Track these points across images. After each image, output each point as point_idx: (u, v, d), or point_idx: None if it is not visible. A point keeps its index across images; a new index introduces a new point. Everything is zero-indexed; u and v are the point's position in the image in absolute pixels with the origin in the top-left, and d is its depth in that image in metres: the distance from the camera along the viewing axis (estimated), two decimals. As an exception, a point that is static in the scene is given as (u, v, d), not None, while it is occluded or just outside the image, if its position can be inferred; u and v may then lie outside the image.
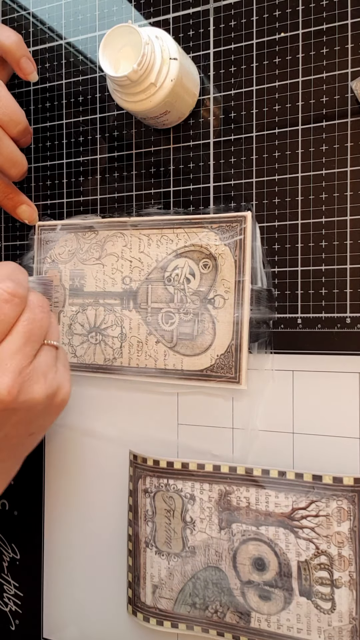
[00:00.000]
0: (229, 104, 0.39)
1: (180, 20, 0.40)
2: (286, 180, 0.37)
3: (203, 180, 0.40)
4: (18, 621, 0.47)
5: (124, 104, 0.37)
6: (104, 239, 0.43)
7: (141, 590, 0.41)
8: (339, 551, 0.35)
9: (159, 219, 0.41)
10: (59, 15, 0.45)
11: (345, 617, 0.35)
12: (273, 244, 0.38)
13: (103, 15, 0.43)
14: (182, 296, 0.40)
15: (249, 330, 0.38)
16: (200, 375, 0.39)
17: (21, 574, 0.47)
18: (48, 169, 0.46)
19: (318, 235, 0.37)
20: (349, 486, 0.34)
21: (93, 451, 0.44)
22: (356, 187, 0.36)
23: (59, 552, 0.45)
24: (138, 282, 0.41)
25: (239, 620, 0.37)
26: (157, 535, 0.40)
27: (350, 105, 0.36)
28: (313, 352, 0.37)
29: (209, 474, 0.38)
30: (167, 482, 0.39)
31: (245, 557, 0.37)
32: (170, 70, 0.35)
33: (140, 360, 0.41)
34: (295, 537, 0.36)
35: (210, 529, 0.38)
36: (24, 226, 0.47)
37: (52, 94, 0.45)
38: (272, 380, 0.38)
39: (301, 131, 0.37)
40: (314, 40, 0.36)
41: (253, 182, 0.38)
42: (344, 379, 0.36)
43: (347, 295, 0.36)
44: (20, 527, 0.47)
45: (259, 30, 0.38)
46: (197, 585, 0.39)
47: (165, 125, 0.40)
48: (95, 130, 0.44)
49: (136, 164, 0.42)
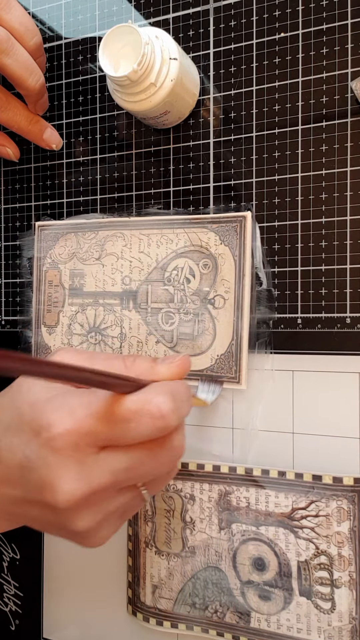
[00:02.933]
0: (229, 104, 0.39)
1: (180, 20, 0.40)
2: (286, 180, 0.37)
3: (203, 180, 0.40)
4: (18, 621, 0.47)
5: (124, 104, 0.37)
6: (104, 238, 0.43)
7: (141, 590, 0.41)
8: (338, 551, 0.35)
9: (159, 219, 0.41)
10: (59, 15, 0.45)
11: (345, 617, 0.35)
12: (273, 244, 0.38)
13: (103, 15, 0.43)
14: (182, 296, 0.40)
15: (249, 330, 0.38)
16: (201, 375, 0.39)
17: (21, 574, 0.47)
18: (48, 169, 0.46)
19: (318, 235, 0.37)
20: (349, 486, 0.34)
21: (93, 451, 0.44)
22: (356, 187, 0.36)
23: (59, 552, 0.45)
24: (138, 282, 0.41)
25: (239, 620, 0.37)
26: (157, 535, 0.40)
27: (350, 105, 0.36)
28: (313, 352, 0.37)
29: (209, 474, 0.38)
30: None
31: (245, 557, 0.37)
32: (170, 70, 0.35)
33: (140, 360, 0.41)
34: (295, 537, 0.36)
35: (210, 529, 0.38)
36: (23, 226, 0.47)
37: (52, 94, 0.45)
38: (272, 380, 0.38)
39: (301, 131, 0.37)
40: (314, 40, 0.36)
41: (253, 182, 0.38)
42: (344, 379, 0.36)
43: (347, 295, 0.36)
44: (20, 527, 0.47)
45: (259, 30, 0.38)
46: (197, 585, 0.39)
47: (165, 125, 0.40)
48: (95, 130, 0.44)
49: (136, 164, 0.42)
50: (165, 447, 0.28)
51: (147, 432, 0.26)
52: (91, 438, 0.26)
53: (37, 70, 0.41)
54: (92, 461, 0.26)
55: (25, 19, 0.40)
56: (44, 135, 0.44)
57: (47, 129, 0.44)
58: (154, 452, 0.27)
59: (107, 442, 0.26)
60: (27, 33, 0.40)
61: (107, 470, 0.26)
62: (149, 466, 0.28)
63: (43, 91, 0.42)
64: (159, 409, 0.26)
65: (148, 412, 0.26)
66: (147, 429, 0.26)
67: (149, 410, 0.26)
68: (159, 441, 0.27)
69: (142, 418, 0.26)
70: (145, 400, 0.26)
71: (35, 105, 0.43)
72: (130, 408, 0.26)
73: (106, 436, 0.26)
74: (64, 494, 0.26)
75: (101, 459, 0.26)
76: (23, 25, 0.40)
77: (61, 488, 0.26)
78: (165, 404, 0.26)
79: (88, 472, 0.26)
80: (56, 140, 0.44)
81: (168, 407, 0.26)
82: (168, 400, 0.26)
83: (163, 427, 0.26)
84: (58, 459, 0.26)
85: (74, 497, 0.26)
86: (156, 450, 0.27)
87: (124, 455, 0.27)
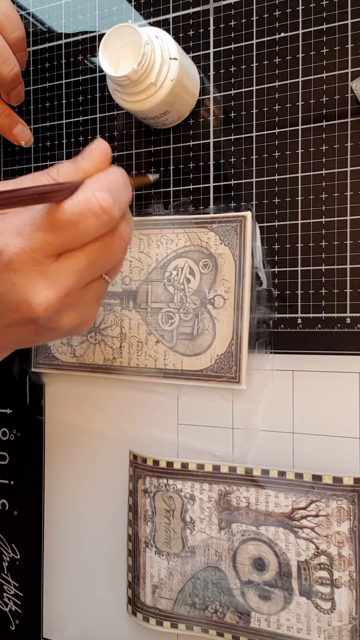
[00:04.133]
0: (229, 104, 0.39)
1: (180, 20, 0.40)
2: (286, 180, 0.37)
3: (203, 180, 0.40)
4: (18, 621, 0.47)
5: (124, 104, 0.37)
6: (104, 239, 0.43)
7: (141, 590, 0.41)
8: (338, 551, 0.35)
9: (159, 218, 0.41)
10: (59, 15, 0.45)
11: (345, 617, 0.35)
12: (273, 244, 0.38)
13: (103, 15, 0.43)
14: (182, 296, 0.40)
15: (249, 330, 0.38)
16: (200, 375, 0.39)
17: (21, 574, 0.47)
18: (48, 169, 0.46)
19: (318, 235, 0.37)
20: (349, 486, 0.34)
21: (93, 451, 0.44)
22: (356, 187, 0.36)
23: (59, 552, 0.45)
24: (138, 282, 0.41)
25: (239, 620, 0.37)
26: (156, 535, 0.40)
27: (350, 105, 0.36)
28: (313, 352, 0.37)
29: (209, 474, 0.38)
30: (166, 482, 0.39)
31: (245, 557, 0.37)
32: (170, 70, 0.35)
33: (140, 360, 0.41)
34: (295, 537, 0.36)
35: (210, 529, 0.38)
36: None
37: (52, 94, 0.45)
38: (272, 380, 0.38)
39: (301, 131, 0.37)
40: (314, 40, 0.36)
41: (253, 182, 0.38)
42: (344, 379, 0.36)
43: (347, 295, 0.36)
44: (20, 527, 0.47)
45: (259, 30, 0.38)
46: (197, 585, 0.39)
47: (165, 125, 0.40)
48: (95, 130, 0.44)
49: (136, 164, 0.42)
50: (115, 237, 0.29)
51: (94, 230, 0.27)
52: (45, 250, 0.27)
53: (12, 59, 0.41)
54: (54, 269, 0.28)
55: (10, 12, 0.40)
56: (14, 130, 0.44)
57: (18, 125, 0.44)
58: (107, 245, 0.29)
59: (61, 248, 0.27)
60: (10, 25, 0.40)
61: (71, 272, 0.28)
62: (106, 258, 0.29)
63: (17, 81, 0.42)
64: (100, 205, 0.26)
65: (90, 210, 0.26)
66: (94, 226, 0.27)
67: (91, 209, 0.26)
68: (109, 234, 0.28)
69: (87, 218, 0.27)
70: (84, 200, 0.27)
71: (8, 95, 0.43)
72: (73, 212, 0.26)
73: (59, 244, 0.27)
74: (40, 305, 0.28)
75: (62, 265, 0.28)
76: (6, 17, 0.40)
77: (35, 301, 0.27)
78: (104, 199, 0.27)
79: (54, 279, 0.28)
80: (26, 137, 0.44)
81: (108, 201, 0.27)
82: (106, 195, 0.27)
83: (108, 221, 0.27)
84: (22, 277, 0.27)
85: (50, 303, 0.28)
86: (108, 243, 0.29)
87: (81, 255, 0.28)
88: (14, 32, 0.40)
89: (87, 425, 0.44)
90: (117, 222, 0.28)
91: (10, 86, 0.42)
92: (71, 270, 0.28)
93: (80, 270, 0.28)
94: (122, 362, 0.42)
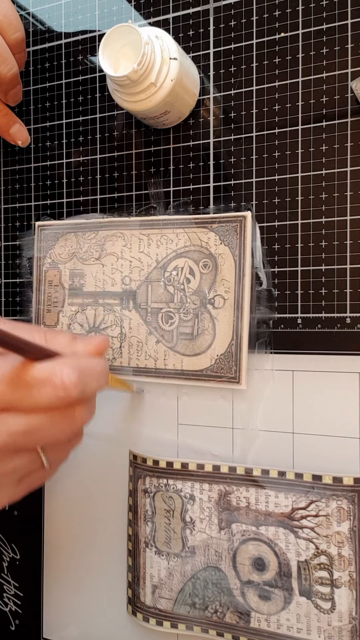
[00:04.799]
0: (229, 104, 0.39)
1: (180, 20, 0.40)
2: (286, 180, 0.37)
3: (203, 180, 0.40)
4: (18, 621, 0.47)
5: (124, 104, 0.37)
6: (104, 238, 0.43)
7: (141, 590, 0.41)
8: (338, 551, 0.35)
9: (159, 218, 0.41)
10: (59, 15, 0.45)
11: (345, 617, 0.35)
12: (273, 244, 0.38)
13: (103, 15, 0.43)
14: (182, 296, 0.40)
15: (249, 330, 0.38)
16: (200, 375, 0.39)
17: (21, 574, 0.47)
18: (48, 169, 0.46)
19: (318, 235, 0.37)
20: (349, 486, 0.34)
21: (93, 451, 0.44)
22: (356, 187, 0.36)
23: (59, 552, 0.45)
24: (138, 282, 0.41)
25: (239, 620, 0.37)
26: (156, 535, 0.40)
27: (350, 105, 0.36)
28: (313, 352, 0.37)
29: (209, 474, 0.38)
30: (166, 482, 0.39)
31: (245, 557, 0.37)
32: (170, 70, 0.35)
33: (140, 360, 0.41)
34: (295, 537, 0.36)
35: (210, 529, 0.38)
36: (23, 226, 0.47)
37: (52, 94, 0.45)
38: (272, 380, 0.38)
39: (301, 131, 0.37)
40: (314, 40, 0.36)
41: (253, 182, 0.38)
42: (344, 379, 0.36)
43: (347, 295, 0.36)
44: (20, 527, 0.47)
45: (259, 30, 0.38)
46: (197, 586, 0.39)
47: (165, 125, 0.40)
48: (95, 130, 0.44)
49: (136, 164, 0.42)
50: (66, 416, 0.28)
51: (47, 400, 0.27)
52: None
53: (11, 60, 0.41)
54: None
55: (11, 13, 0.40)
56: (11, 129, 0.44)
57: (15, 124, 0.44)
58: (53, 420, 0.28)
59: (8, 404, 0.27)
60: (10, 26, 0.40)
61: (4, 432, 0.27)
62: (48, 432, 0.28)
63: (15, 82, 0.43)
64: (62, 381, 0.26)
65: (51, 381, 0.26)
66: (48, 397, 0.27)
67: (52, 381, 0.26)
68: (60, 410, 0.28)
69: (45, 387, 0.26)
70: (51, 369, 0.27)
71: (6, 95, 0.43)
72: (36, 376, 0.26)
73: (8, 399, 0.27)
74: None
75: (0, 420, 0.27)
76: (7, 18, 0.40)
77: None
78: (69, 376, 0.26)
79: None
80: (23, 137, 0.44)
81: (71, 380, 0.27)
82: (73, 374, 0.27)
83: (64, 398, 0.27)
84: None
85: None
86: (56, 418, 0.28)
87: (23, 419, 0.27)
88: (14, 34, 0.41)
89: (86, 425, 0.44)
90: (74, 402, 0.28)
91: (8, 86, 0.42)
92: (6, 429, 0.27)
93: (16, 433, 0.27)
94: (122, 362, 0.42)
